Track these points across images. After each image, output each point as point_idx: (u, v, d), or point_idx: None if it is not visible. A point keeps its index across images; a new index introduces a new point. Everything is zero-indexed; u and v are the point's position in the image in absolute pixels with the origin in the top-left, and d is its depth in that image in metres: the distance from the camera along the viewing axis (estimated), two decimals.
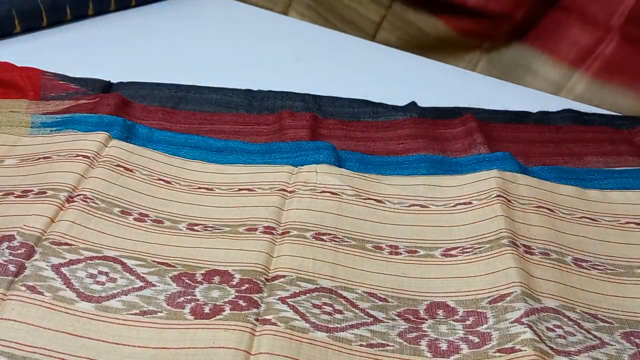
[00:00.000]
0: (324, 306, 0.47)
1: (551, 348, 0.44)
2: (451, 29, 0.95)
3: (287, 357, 0.42)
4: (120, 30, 0.92)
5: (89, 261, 0.48)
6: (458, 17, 0.93)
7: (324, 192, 0.58)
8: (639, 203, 0.61)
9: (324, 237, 0.53)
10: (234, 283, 0.48)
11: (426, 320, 0.47)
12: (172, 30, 0.95)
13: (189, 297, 0.47)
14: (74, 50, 0.85)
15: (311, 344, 0.44)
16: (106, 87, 0.74)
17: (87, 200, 0.53)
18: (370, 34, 1.01)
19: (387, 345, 0.45)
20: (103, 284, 0.47)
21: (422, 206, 0.58)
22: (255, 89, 0.77)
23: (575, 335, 0.46)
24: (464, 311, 0.48)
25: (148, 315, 0.45)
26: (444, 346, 0.45)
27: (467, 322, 0.47)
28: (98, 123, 0.64)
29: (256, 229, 0.53)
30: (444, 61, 0.95)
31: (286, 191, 0.58)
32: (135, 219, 0.54)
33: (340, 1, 1.02)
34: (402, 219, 0.57)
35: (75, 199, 0.53)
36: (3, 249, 0.48)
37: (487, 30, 0.93)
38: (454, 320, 0.47)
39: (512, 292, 0.48)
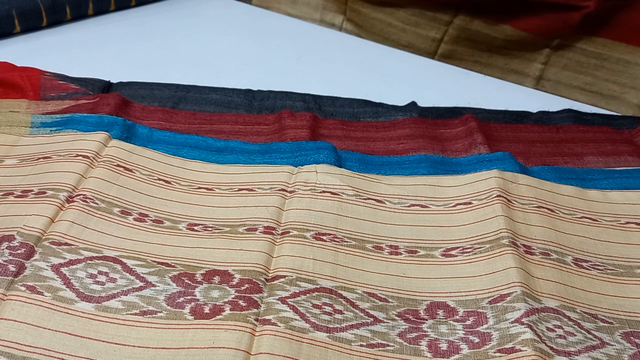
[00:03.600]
0: (324, 306, 0.47)
1: (551, 348, 0.44)
2: (520, 30, 0.93)
3: (287, 357, 0.42)
4: (120, 30, 0.92)
5: (88, 261, 0.48)
6: (524, 17, 0.92)
7: (324, 192, 0.58)
8: (639, 203, 0.61)
9: (324, 237, 0.53)
10: (234, 283, 0.48)
11: (426, 320, 0.47)
12: (172, 30, 0.95)
13: (188, 297, 0.47)
14: (74, 50, 0.85)
15: (311, 344, 0.44)
16: (106, 87, 0.74)
17: (87, 200, 0.53)
18: (431, 52, 1.00)
19: (387, 345, 0.45)
20: (103, 284, 0.47)
21: (422, 206, 0.58)
22: (255, 89, 0.77)
23: (575, 336, 0.46)
24: (464, 311, 0.48)
25: (148, 316, 0.45)
26: (444, 346, 0.45)
27: (467, 322, 0.47)
28: (98, 123, 0.64)
29: (256, 229, 0.53)
30: (512, 66, 0.94)
31: (286, 191, 0.58)
32: (135, 219, 0.54)
33: (394, 26, 1.00)
34: (402, 219, 0.57)
35: (75, 199, 0.53)
36: (3, 249, 0.48)
37: (556, 24, 0.90)
38: (454, 321, 0.47)
39: (512, 292, 0.48)
